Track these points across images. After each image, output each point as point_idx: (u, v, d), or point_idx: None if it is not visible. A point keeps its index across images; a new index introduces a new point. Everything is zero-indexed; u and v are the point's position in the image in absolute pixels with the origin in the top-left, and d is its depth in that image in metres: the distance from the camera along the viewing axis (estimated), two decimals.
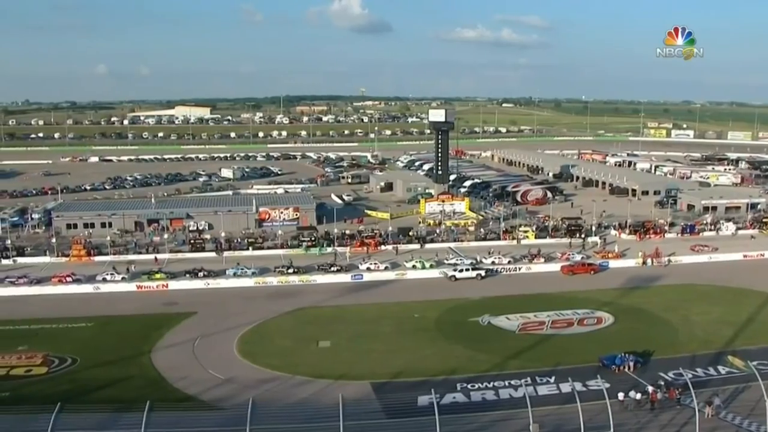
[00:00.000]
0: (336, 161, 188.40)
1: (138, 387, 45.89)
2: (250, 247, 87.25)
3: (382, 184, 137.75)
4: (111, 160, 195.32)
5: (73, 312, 63.25)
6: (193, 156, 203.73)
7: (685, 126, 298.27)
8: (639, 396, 42.85)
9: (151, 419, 34.81)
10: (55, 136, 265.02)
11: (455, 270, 75.94)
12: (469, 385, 46.14)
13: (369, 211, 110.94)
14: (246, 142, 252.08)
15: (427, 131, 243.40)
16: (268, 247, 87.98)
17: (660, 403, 42.52)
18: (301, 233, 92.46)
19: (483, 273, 75.68)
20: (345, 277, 75.79)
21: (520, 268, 79.21)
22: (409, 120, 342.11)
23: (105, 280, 73.14)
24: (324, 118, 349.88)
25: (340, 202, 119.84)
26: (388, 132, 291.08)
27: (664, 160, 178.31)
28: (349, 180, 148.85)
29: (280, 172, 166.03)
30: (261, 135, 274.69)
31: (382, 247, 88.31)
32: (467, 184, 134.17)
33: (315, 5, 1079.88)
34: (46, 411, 34.93)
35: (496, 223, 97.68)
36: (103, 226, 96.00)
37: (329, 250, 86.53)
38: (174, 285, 72.73)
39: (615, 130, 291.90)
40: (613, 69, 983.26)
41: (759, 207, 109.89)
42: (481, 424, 40.91)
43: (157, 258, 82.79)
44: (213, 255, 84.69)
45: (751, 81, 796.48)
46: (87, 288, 71.97)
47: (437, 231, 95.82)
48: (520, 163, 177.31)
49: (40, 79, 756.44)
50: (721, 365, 49.13)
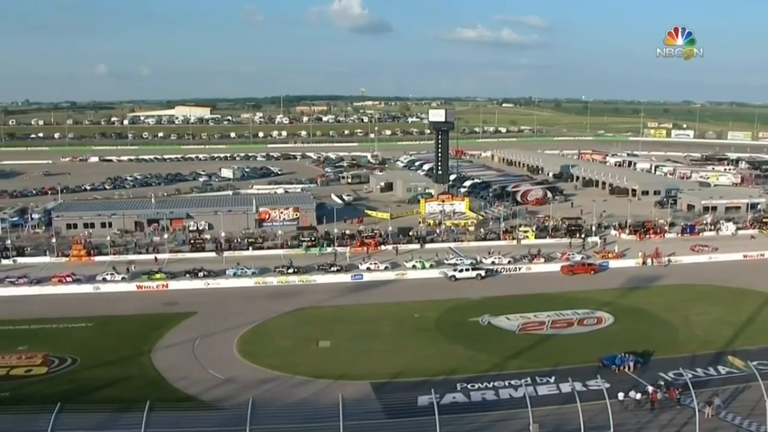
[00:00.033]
0: (336, 161, 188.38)
1: (138, 387, 45.89)
2: (250, 247, 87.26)
3: (382, 184, 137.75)
4: (111, 160, 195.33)
5: (73, 312, 63.24)
6: (193, 156, 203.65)
7: (685, 126, 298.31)
8: (639, 396, 42.85)
9: (151, 419, 34.81)
10: (55, 136, 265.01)
11: (455, 270, 75.93)
12: (469, 385, 46.15)
13: (369, 211, 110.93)
14: (246, 142, 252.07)
15: (427, 131, 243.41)
16: (268, 247, 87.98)
17: (660, 403, 42.52)
18: (301, 233, 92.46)
19: (483, 273, 75.69)
20: (345, 277, 75.79)
21: (520, 268, 79.22)
22: (409, 120, 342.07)
23: (105, 280, 73.16)
24: (324, 118, 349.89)
25: (340, 202, 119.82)
26: (388, 132, 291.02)
27: (664, 160, 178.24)
28: (349, 180, 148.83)
29: (280, 172, 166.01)
30: (261, 135, 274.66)
31: (382, 247, 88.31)
32: (467, 184, 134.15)
33: (315, 5, 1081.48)
34: (46, 411, 34.95)
35: (496, 223, 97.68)
36: (103, 226, 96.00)
37: (329, 250, 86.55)
38: (174, 285, 72.75)
39: (615, 130, 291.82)
40: (613, 69, 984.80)
41: (759, 207, 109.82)
42: (481, 424, 40.90)
43: (157, 258, 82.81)
44: (213, 255, 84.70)
45: (752, 81, 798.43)
46: (87, 288, 71.99)
47: (437, 231, 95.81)
48: (520, 163, 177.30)
49: (40, 79, 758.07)
50: (721, 365, 49.14)
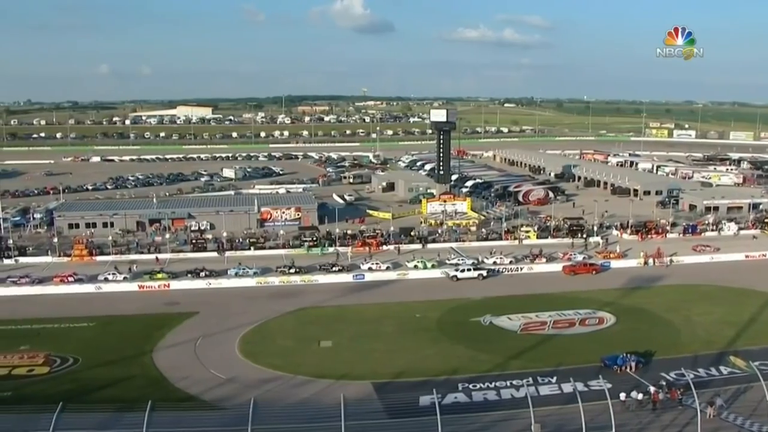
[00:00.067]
0: (338, 161, 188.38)
1: (139, 387, 45.94)
2: (252, 247, 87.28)
3: (384, 184, 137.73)
4: (113, 160, 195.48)
5: (74, 312, 63.30)
6: (194, 156, 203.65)
7: (687, 126, 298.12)
8: (641, 396, 42.86)
9: (152, 419, 34.85)
10: (57, 136, 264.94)
11: (457, 270, 75.90)
12: (470, 385, 46.16)
13: (371, 211, 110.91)
14: (248, 142, 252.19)
15: (429, 131, 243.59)
16: (270, 247, 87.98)
17: (662, 403, 42.50)
18: (302, 233, 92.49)
19: (485, 273, 75.66)
20: (347, 277, 75.80)
21: (521, 268, 79.16)
22: (411, 120, 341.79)
23: (107, 280, 73.24)
24: (326, 118, 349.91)
25: (341, 202, 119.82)
26: (390, 132, 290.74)
27: (665, 160, 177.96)
28: (351, 180, 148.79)
29: (281, 172, 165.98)
30: (263, 135, 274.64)
31: (384, 247, 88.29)
32: (469, 184, 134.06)
33: (317, 5, 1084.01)
34: (48, 411, 35.04)
35: (497, 223, 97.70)
36: (104, 225, 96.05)
37: (331, 250, 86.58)
38: (176, 285, 72.79)
39: (617, 130, 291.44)
40: (614, 69, 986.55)
41: (761, 207, 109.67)
42: (482, 424, 40.91)
43: (158, 258, 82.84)
44: (215, 255, 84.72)
45: (753, 81, 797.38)
46: (89, 288, 72.06)
47: (439, 231, 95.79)
48: (521, 163, 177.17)
49: (41, 79, 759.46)
50: (723, 365, 49.15)
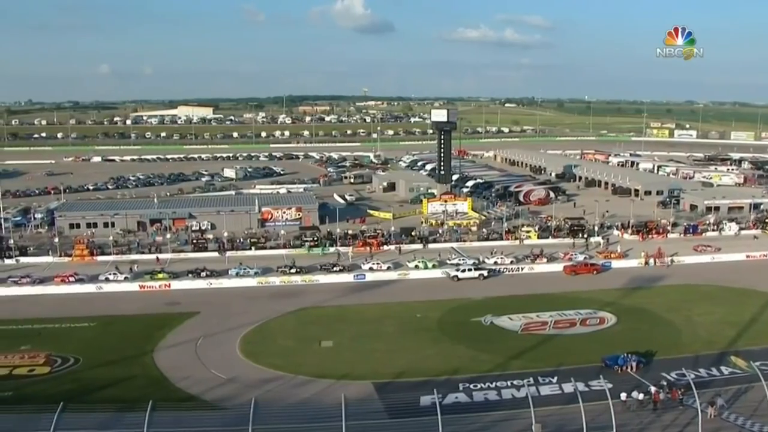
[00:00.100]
0: (339, 161, 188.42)
1: (140, 387, 45.94)
2: (253, 247, 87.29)
3: (385, 184, 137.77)
4: (114, 160, 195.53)
5: (75, 312, 63.32)
6: (195, 156, 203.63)
7: (687, 126, 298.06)
8: (642, 396, 42.84)
9: (153, 419, 34.86)
10: (58, 136, 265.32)
11: (458, 270, 75.88)
12: (471, 385, 46.16)
13: (371, 211, 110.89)
14: (249, 142, 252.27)
15: (430, 131, 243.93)
16: (271, 247, 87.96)
17: (663, 403, 42.47)
18: (303, 233, 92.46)
19: (485, 273, 75.64)
20: (347, 277, 75.80)
21: (522, 269, 79.14)
22: (412, 120, 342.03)
23: (108, 280, 73.27)
24: (327, 118, 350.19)
25: (342, 202, 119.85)
26: (391, 132, 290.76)
27: (666, 160, 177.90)
28: (352, 180, 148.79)
29: (282, 172, 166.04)
30: (263, 135, 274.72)
31: (385, 247, 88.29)
32: (470, 184, 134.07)
33: (317, 5, 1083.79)
34: (49, 411, 35.09)
35: (498, 223, 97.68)
36: (105, 225, 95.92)
37: (332, 250, 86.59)
38: (176, 285, 72.80)
39: (618, 130, 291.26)
40: (615, 69, 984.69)
41: (762, 207, 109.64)
42: (483, 424, 40.90)
43: (158, 258, 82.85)
44: (216, 255, 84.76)
45: (754, 81, 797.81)
46: (90, 288, 72.08)
47: (440, 231, 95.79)
48: (522, 163, 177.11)
49: (42, 79, 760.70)
50: (724, 366, 49.12)
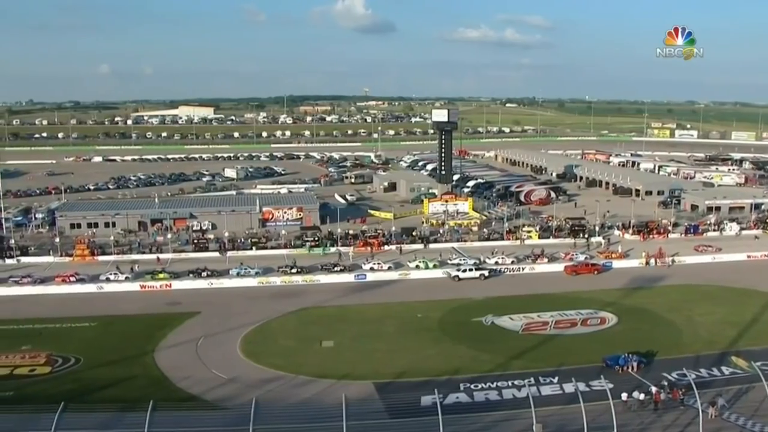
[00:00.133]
0: (339, 161, 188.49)
1: (141, 387, 45.94)
2: (254, 247, 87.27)
3: (386, 184, 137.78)
4: (114, 160, 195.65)
5: (76, 312, 63.33)
6: (196, 156, 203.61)
7: (688, 126, 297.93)
8: (642, 396, 42.82)
9: (154, 419, 34.83)
10: (59, 135, 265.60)
11: (458, 270, 75.84)
12: (472, 385, 46.15)
13: (372, 211, 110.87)
14: (249, 142, 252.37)
15: (431, 131, 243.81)
16: (272, 247, 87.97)
17: (663, 403, 42.45)
18: (304, 233, 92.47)
19: (486, 273, 75.59)
20: (348, 277, 75.78)
21: (523, 269, 79.10)
22: (413, 120, 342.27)
23: (108, 280, 73.30)
24: (327, 118, 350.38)
25: (343, 202, 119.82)
26: (392, 132, 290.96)
27: (667, 161, 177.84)
28: (353, 180, 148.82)
29: (283, 172, 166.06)
30: (264, 135, 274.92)
31: (386, 247, 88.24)
32: (470, 184, 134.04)
33: (318, 5, 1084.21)
34: (50, 410, 35.08)
35: (499, 223, 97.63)
36: (106, 225, 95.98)
37: (332, 250, 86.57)
38: (177, 285, 72.81)
39: (618, 130, 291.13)
40: (616, 69, 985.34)
41: (763, 207, 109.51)
42: (484, 424, 40.89)
43: (159, 258, 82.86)
44: (216, 255, 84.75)
45: (755, 81, 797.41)
46: (90, 288, 72.09)
47: (440, 231, 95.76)
48: (523, 163, 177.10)
49: (43, 79, 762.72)
50: (725, 366, 49.09)
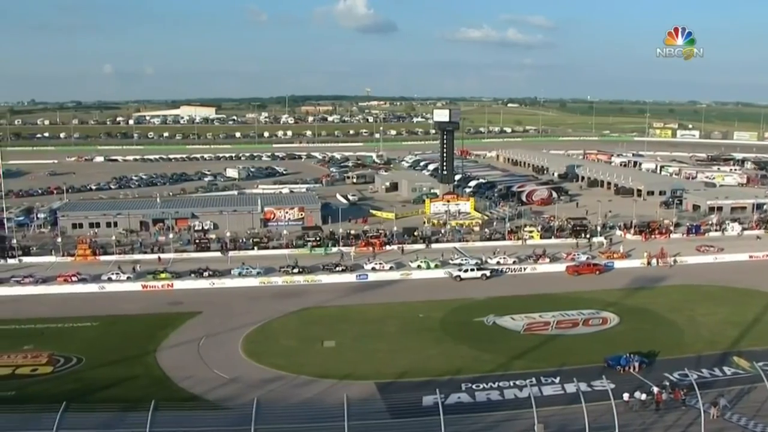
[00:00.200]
0: (341, 161, 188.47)
1: (143, 386, 46.02)
2: (255, 247, 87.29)
3: (387, 184, 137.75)
4: (116, 160, 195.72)
5: (78, 311, 63.42)
6: (198, 156, 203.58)
7: (690, 126, 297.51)
8: (644, 396, 42.81)
9: (156, 418, 34.87)
10: (61, 135, 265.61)
11: (460, 270, 75.85)
12: (473, 385, 46.16)
13: (374, 211, 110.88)
14: (251, 142, 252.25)
15: (432, 131, 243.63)
16: (273, 247, 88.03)
17: (665, 403, 42.43)
18: (306, 233, 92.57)
19: (488, 273, 75.57)
20: (350, 277, 75.80)
21: (525, 269, 79.08)
22: (414, 120, 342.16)
23: (110, 280, 73.38)
24: (329, 118, 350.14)
25: (345, 202, 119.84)
26: (393, 132, 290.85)
27: (669, 161, 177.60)
28: (354, 180, 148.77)
29: (285, 172, 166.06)
30: (266, 135, 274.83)
31: (387, 247, 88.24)
32: (472, 184, 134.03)
33: (320, 5, 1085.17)
34: (52, 410, 35.08)
35: (501, 223, 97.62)
36: (108, 225, 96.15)
37: (334, 250, 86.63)
38: (179, 285, 72.88)
39: (620, 130, 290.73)
40: (618, 69, 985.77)
41: (765, 207, 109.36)
42: (485, 424, 40.89)
43: (160, 258, 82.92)
44: (218, 255, 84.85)
45: (757, 81, 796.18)
46: (92, 287, 72.17)
47: (442, 231, 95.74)
48: (525, 163, 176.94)
49: (45, 79, 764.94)
50: (727, 366, 49.04)
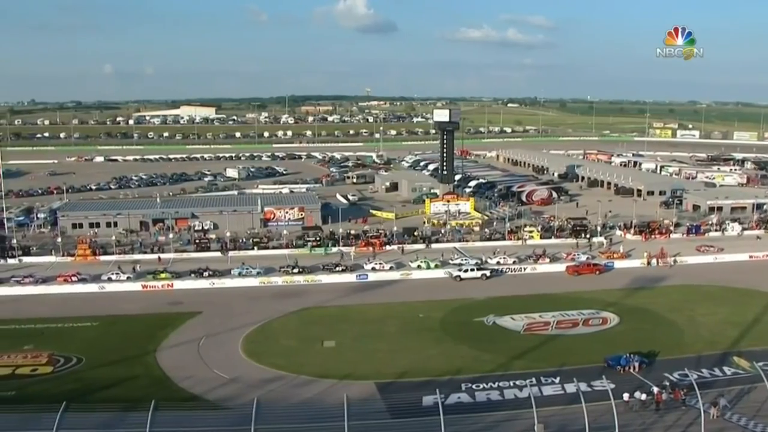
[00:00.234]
0: (341, 161, 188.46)
1: (143, 386, 46.02)
2: (255, 247, 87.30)
3: (387, 184, 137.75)
4: (116, 160, 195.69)
5: (78, 311, 63.43)
6: (198, 156, 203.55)
7: (690, 126, 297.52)
8: (644, 396, 42.81)
9: (156, 418, 34.87)
10: (61, 135, 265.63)
11: (460, 270, 75.85)
12: (473, 386, 46.17)
13: (374, 211, 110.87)
14: (251, 142, 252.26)
15: (432, 131, 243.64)
16: (273, 247, 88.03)
17: (665, 403, 42.43)
18: (306, 233, 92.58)
19: (488, 273, 75.57)
20: (350, 277, 75.79)
21: (525, 269, 79.07)
22: (414, 120, 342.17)
23: (110, 280, 73.38)
24: (329, 118, 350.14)
25: (345, 201, 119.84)
26: (393, 132, 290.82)
27: (669, 161, 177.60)
28: (354, 180, 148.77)
29: (285, 172, 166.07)
30: (266, 135, 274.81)
31: (387, 247, 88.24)
32: (472, 184, 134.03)
33: (320, 5, 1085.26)
34: (52, 410, 35.08)
35: (501, 223, 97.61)
36: (108, 225, 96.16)
37: (334, 250, 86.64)
38: (179, 285, 72.88)
39: (620, 130, 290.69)
40: (618, 69, 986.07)
41: (765, 207, 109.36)
42: (485, 424, 40.89)
43: (160, 258, 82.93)
44: (218, 255, 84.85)
45: (757, 81, 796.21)
46: (92, 287, 72.17)
47: (442, 231, 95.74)
48: (525, 163, 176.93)
49: (45, 79, 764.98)
50: (727, 366, 49.05)
